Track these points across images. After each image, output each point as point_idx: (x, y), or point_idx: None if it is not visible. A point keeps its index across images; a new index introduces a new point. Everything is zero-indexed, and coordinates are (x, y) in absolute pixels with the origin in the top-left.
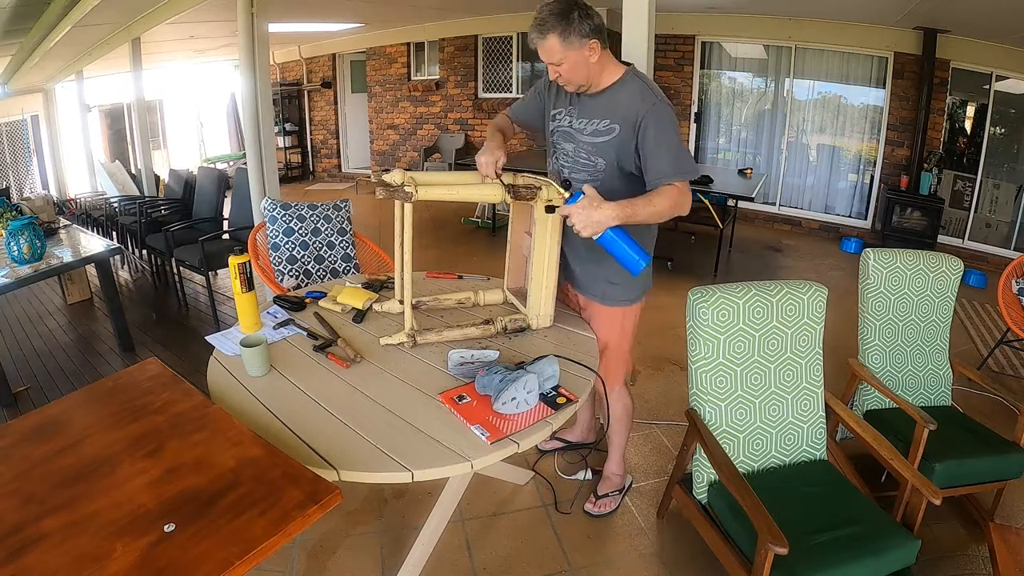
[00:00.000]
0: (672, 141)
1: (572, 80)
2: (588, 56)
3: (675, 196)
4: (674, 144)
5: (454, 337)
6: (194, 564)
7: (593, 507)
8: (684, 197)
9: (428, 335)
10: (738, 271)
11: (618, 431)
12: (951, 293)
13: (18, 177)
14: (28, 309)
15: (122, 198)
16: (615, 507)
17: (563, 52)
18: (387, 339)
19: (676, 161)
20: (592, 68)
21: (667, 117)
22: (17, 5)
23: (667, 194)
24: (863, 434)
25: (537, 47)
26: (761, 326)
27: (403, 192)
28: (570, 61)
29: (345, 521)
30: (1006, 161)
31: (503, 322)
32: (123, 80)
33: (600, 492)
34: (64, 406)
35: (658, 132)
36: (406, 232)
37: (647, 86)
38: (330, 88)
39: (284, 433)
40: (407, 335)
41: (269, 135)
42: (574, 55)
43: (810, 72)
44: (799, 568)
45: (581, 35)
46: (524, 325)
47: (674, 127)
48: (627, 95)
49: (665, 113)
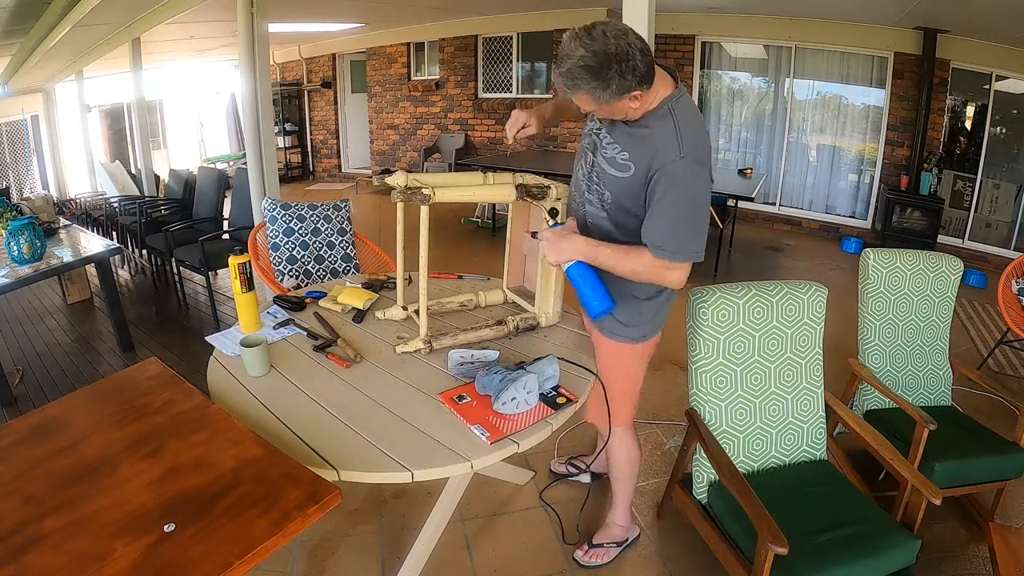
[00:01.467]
0: (676, 210)
1: (608, 118)
2: (628, 104)
3: (650, 265)
4: (676, 214)
5: (469, 340)
6: (194, 564)
7: (584, 556)
8: (663, 273)
9: (443, 339)
10: (738, 271)
11: (621, 479)
12: (951, 293)
13: (18, 177)
14: (28, 309)
15: (122, 198)
16: (608, 560)
17: (597, 106)
18: (403, 347)
19: (669, 234)
20: (632, 111)
21: (683, 179)
22: (17, 5)
23: (643, 260)
24: (863, 434)
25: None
26: (761, 326)
27: (421, 195)
28: (605, 111)
29: (345, 521)
30: (1006, 161)
31: (515, 322)
32: (123, 80)
33: (596, 541)
34: (64, 406)
35: (665, 194)
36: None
37: (677, 133)
38: (330, 88)
39: (284, 433)
40: (423, 341)
41: (269, 135)
42: (611, 107)
43: (810, 72)
44: (799, 568)
45: (621, 91)
46: (534, 323)
47: (689, 191)
48: (653, 135)
49: (682, 173)
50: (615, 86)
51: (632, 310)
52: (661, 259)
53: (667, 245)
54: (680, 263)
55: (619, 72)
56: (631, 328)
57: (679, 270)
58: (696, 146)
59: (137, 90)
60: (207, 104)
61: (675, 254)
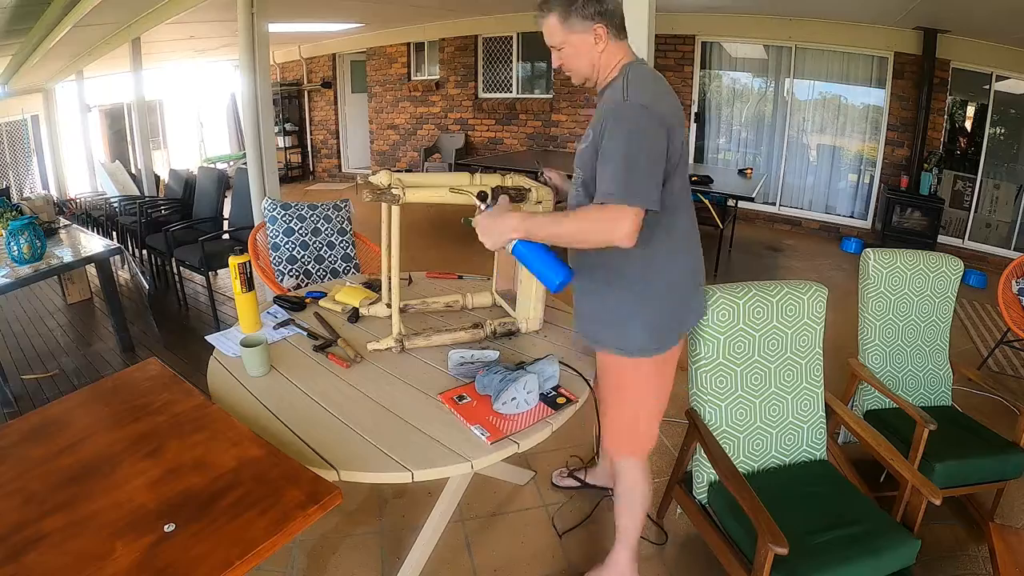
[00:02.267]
0: (619, 149)
1: (574, 69)
2: (592, 43)
3: (595, 219)
4: (619, 153)
5: (443, 341)
6: (194, 564)
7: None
8: (611, 225)
9: (416, 340)
10: (738, 271)
11: (622, 513)
12: (951, 293)
13: (18, 177)
14: (28, 309)
15: (122, 198)
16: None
17: (563, 35)
18: (375, 344)
19: (614, 174)
20: (597, 59)
21: (627, 120)
22: (17, 5)
23: (585, 213)
24: (863, 434)
25: (540, 28)
26: (761, 326)
27: (390, 195)
28: (571, 46)
29: (345, 521)
30: (1006, 161)
31: (492, 326)
32: (123, 80)
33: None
34: (64, 406)
35: (609, 138)
36: (393, 235)
37: (624, 82)
38: (330, 88)
39: (284, 433)
40: (395, 340)
41: (269, 135)
42: (576, 39)
43: (810, 72)
44: (799, 568)
45: (584, 17)
46: (514, 329)
47: (633, 131)
48: (605, 99)
49: (624, 114)
50: (581, 9)
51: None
52: (607, 206)
53: (614, 189)
54: (630, 207)
55: None
56: (624, 335)
57: (626, 219)
58: (642, 94)
59: (137, 90)
60: (207, 104)
61: (622, 198)
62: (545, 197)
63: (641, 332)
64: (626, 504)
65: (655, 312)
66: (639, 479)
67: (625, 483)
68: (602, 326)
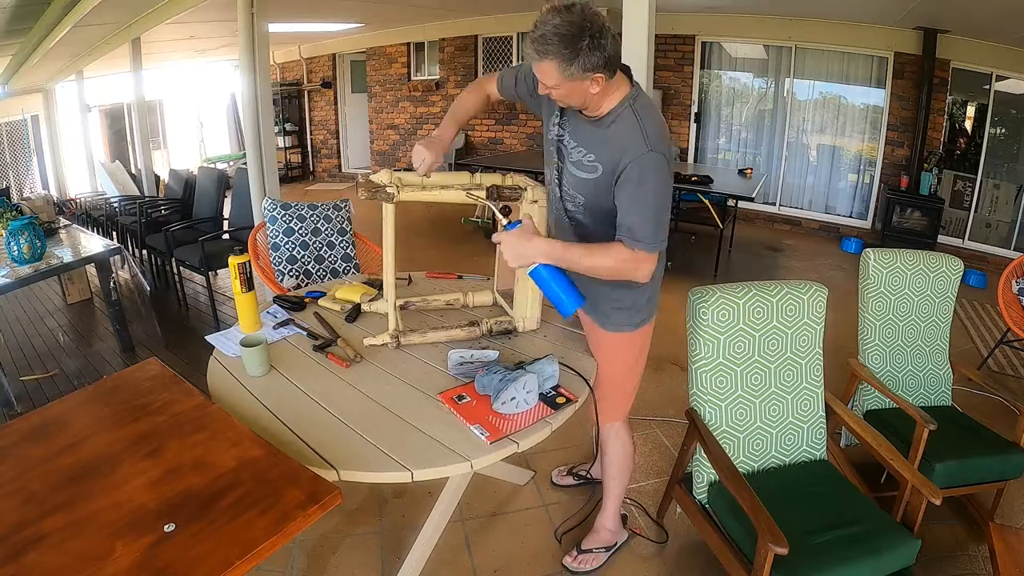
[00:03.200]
0: (649, 202)
1: (565, 103)
2: (588, 88)
3: (624, 260)
4: (650, 206)
5: (438, 339)
6: (194, 564)
7: (572, 562)
8: (636, 266)
9: (412, 336)
10: (738, 271)
11: (614, 476)
12: (951, 293)
13: (18, 177)
14: (28, 309)
15: (122, 198)
16: (598, 565)
17: (559, 80)
18: (371, 339)
19: (644, 225)
20: (590, 97)
21: (653, 171)
22: (17, 5)
23: (616, 254)
24: (863, 434)
25: (532, 64)
26: (761, 326)
27: (384, 193)
28: (566, 89)
29: (345, 521)
30: (1006, 161)
31: (488, 324)
32: (123, 80)
33: (584, 547)
34: (64, 406)
35: (638, 187)
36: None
37: (640, 127)
38: (330, 88)
39: (284, 433)
40: (391, 336)
41: (269, 135)
42: (572, 85)
43: (810, 72)
44: (799, 568)
45: (585, 68)
46: (510, 328)
47: (660, 184)
48: (616, 134)
49: (652, 165)
50: (583, 59)
51: (633, 298)
52: (636, 251)
53: (644, 237)
54: (652, 254)
55: (589, 46)
56: (633, 313)
57: (650, 262)
58: (660, 141)
59: (137, 90)
60: (207, 104)
61: (651, 245)
62: (540, 196)
63: (640, 310)
64: (618, 468)
65: (649, 292)
66: (629, 440)
67: (620, 444)
68: (619, 311)
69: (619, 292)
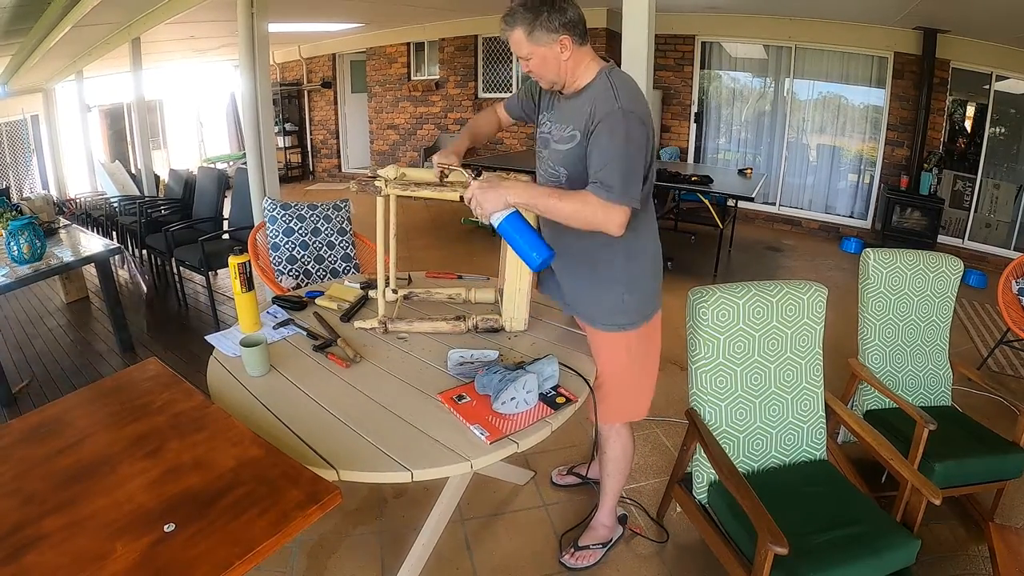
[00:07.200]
0: (619, 153)
1: (542, 76)
2: (559, 53)
3: (593, 205)
4: (619, 157)
5: (424, 329)
6: (194, 564)
7: (570, 559)
8: (607, 216)
9: (399, 324)
10: (738, 271)
11: (612, 475)
12: (951, 293)
13: (18, 177)
14: (28, 309)
15: (122, 198)
16: (595, 561)
17: (529, 47)
18: (361, 323)
19: (613, 175)
20: (564, 66)
21: (623, 126)
22: (17, 5)
23: (585, 198)
24: (863, 434)
25: (507, 40)
26: (761, 326)
27: (373, 187)
28: (538, 56)
29: (345, 521)
30: (1006, 161)
31: (474, 320)
32: (123, 80)
33: (582, 543)
34: (64, 406)
35: (609, 139)
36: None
37: (612, 88)
38: (330, 88)
39: (284, 433)
40: (379, 321)
41: (269, 135)
42: (542, 51)
43: (810, 72)
44: (799, 568)
45: (549, 30)
46: (497, 326)
47: (631, 137)
48: (590, 99)
49: (621, 122)
50: (545, 21)
51: (617, 295)
52: (607, 202)
53: (614, 185)
54: (623, 206)
55: (550, 10)
56: (621, 311)
57: (622, 214)
58: (632, 101)
59: (137, 90)
60: (207, 104)
61: (621, 197)
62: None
63: (630, 309)
64: (616, 466)
65: (639, 290)
66: (628, 444)
67: (620, 445)
68: (600, 307)
69: (599, 290)
